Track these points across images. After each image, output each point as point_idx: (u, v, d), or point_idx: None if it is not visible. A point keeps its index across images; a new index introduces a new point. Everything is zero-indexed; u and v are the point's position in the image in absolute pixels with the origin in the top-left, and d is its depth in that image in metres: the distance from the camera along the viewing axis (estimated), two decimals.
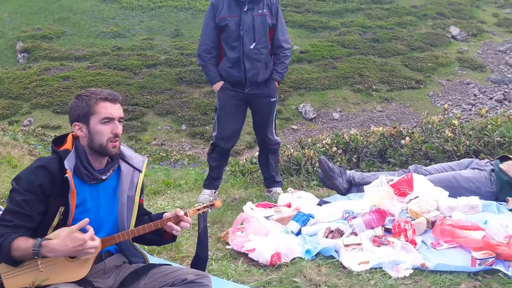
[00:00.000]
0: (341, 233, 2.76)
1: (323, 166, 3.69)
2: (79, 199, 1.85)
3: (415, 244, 2.53)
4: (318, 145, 5.14)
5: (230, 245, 2.82)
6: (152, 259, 2.38)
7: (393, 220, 2.77)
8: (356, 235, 2.69)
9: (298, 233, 2.90)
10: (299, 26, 25.91)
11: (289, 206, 3.31)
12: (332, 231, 2.79)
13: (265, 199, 3.81)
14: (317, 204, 3.36)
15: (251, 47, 3.57)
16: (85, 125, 1.87)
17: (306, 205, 3.27)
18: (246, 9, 3.57)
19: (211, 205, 1.99)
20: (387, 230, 2.70)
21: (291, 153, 4.97)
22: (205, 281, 1.85)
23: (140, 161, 2.04)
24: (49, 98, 19.43)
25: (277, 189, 3.96)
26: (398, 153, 4.36)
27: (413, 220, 2.73)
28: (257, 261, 2.58)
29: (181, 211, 1.92)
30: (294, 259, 2.57)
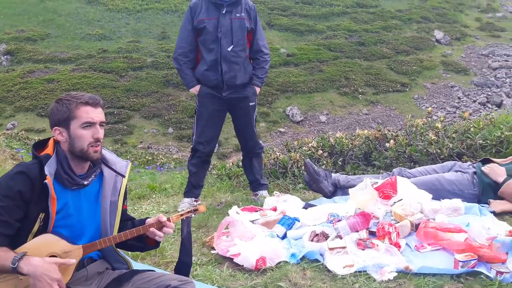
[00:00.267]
0: (326, 236, 2.77)
1: (309, 169, 3.71)
2: (59, 205, 1.82)
3: (399, 247, 2.56)
4: (304, 148, 5.16)
5: (215, 249, 2.81)
6: (136, 265, 2.36)
7: (377, 223, 2.79)
8: (341, 238, 2.70)
9: (284, 236, 2.90)
10: (285, 29, 25.98)
11: (275, 209, 3.31)
12: (317, 234, 2.79)
13: (251, 202, 3.80)
14: (303, 208, 3.37)
15: (229, 49, 3.56)
16: (65, 129, 1.85)
17: (292, 208, 3.28)
18: (224, 11, 3.57)
19: (194, 210, 1.97)
20: (372, 233, 2.72)
21: (277, 156, 4.97)
22: (188, 287, 1.83)
23: (123, 165, 2.02)
24: (33, 101, 19.12)
25: (263, 192, 3.96)
26: (382, 156, 4.40)
27: (397, 222, 2.75)
28: (242, 265, 2.57)
29: (163, 217, 1.90)
30: (280, 263, 2.57)
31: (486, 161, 3.43)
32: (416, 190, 3.12)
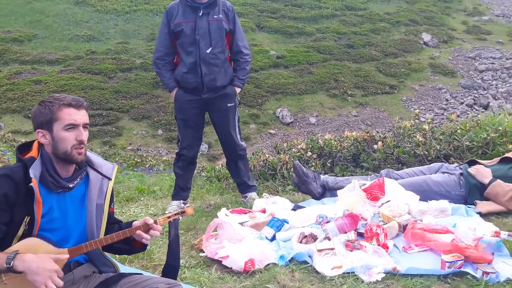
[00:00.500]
0: (314, 238, 2.78)
1: (298, 171, 3.71)
2: (45, 208, 1.79)
3: (387, 248, 2.57)
4: (294, 150, 5.17)
5: (204, 252, 2.79)
6: (123, 268, 2.33)
7: (365, 224, 2.80)
8: (330, 239, 2.71)
9: (273, 238, 2.90)
10: (275, 31, 26.04)
11: (264, 211, 3.31)
12: (306, 236, 2.80)
13: (240, 204, 3.79)
14: (292, 209, 3.37)
15: (208, 51, 3.55)
16: (48, 132, 1.82)
17: (281, 210, 3.28)
18: (201, 14, 3.56)
19: (182, 212, 1.96)
20: (360, 234, 2.73)
21: (266, 158, 4.98)
22: None
23: (109, 168, 2.00)
24: (20, 103, 18.86)
25: (252, 194, 3.94)
26: (371, 158, 4.42)
27: (385, 224, 2.76)
28: (231, 268, 2.56)
29: (150, 219, 1.88)
30: (268, 265, 2.56)
31: (472, 163, 3.47)
32: (403, 192, 3.14)
